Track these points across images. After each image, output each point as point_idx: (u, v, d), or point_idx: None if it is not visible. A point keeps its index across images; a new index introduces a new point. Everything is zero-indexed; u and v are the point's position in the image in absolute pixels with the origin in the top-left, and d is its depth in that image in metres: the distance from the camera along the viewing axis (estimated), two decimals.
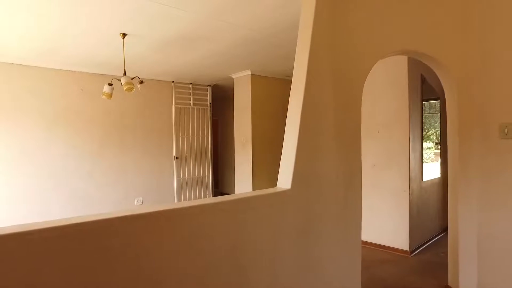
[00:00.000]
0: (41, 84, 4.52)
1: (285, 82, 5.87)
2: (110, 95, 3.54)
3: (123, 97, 4.92)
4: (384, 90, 3.68)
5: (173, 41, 3.66)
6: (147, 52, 4.05)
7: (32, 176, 4.47)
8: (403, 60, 3.50)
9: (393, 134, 3.59)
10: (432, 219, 4.05)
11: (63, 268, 1.16)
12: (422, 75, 3.76)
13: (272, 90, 5.68)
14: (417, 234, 3.63)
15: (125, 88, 3.24)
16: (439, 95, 4.28)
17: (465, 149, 2.52)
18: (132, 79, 3.37)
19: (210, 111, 6.34)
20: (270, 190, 1.99)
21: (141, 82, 3.61)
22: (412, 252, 3.52)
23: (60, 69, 4.67)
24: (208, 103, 6.32)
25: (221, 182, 7.90)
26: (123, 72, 3.46)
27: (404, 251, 3.51)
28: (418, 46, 2.49)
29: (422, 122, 3.77)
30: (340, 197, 2.26)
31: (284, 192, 1.98)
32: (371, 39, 2.27)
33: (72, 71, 4.77)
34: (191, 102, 6.06)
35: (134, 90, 3.31)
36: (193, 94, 6.10)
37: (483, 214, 2.43)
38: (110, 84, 3.53)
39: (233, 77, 5.63)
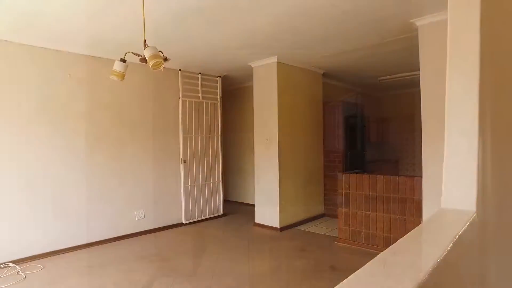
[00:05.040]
0: (14, 65, 3.41)
1: (311, 73, 5.10)
2: (122, 76, 2.57)
3: (120, 87, 3.91)
4: None
5: (205, 8, 2.79)
6: (166, 24, 3.11)
7: (2, 186, 3.34)
8: None
9: None
10: None
11: None
12: None
13: (300, 82, 4.89)
14: None
15: (151, 63, 2.30)
16: None
17: None
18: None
19: (220, 106, 5.43)
20: (461, 218, 1.21)
21: (166, 59, 2.66)
22: None
23: (41, 47, 3.56)
24: (218, 96, 5.40)
25: (225, 188, 6.97)
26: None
27: None
28: None
29: None
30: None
31: (473, 219, 1.25)
32: None
33: (56, 50, 3.68)
34: (199, 95, 5.11)
35: (162, 67, 2.38)
36: (202, 85, 5.15)
37: None
38: (123, 61, 2.56)
39: (253, 65, 4.77)
